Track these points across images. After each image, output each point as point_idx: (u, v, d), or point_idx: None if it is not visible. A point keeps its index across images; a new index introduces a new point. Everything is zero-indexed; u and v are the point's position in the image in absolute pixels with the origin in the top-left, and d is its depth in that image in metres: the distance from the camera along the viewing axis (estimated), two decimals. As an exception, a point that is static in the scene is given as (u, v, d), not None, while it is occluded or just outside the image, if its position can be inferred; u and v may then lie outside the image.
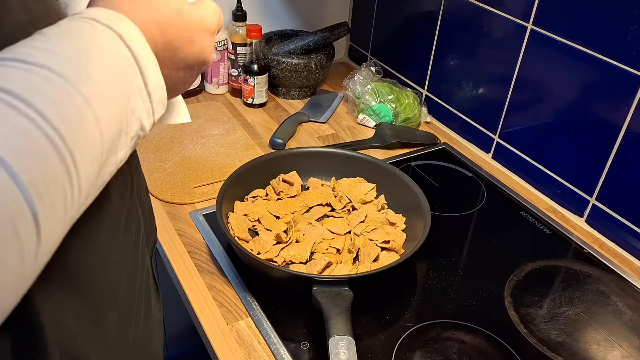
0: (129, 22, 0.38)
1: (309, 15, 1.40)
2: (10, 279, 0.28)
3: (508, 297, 0.79)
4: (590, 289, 0.82)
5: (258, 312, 0.74)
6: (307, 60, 1.21)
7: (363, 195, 0.91)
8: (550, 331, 0.74)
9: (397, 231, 0.84)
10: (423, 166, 1.08)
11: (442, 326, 0.74)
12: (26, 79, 0.30)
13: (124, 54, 0.36)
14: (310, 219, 0.87)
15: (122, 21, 0.37)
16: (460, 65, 1.14)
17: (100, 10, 0.38)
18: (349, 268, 0.78)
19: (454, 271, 0.83)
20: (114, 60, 0.36)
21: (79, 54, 0.34)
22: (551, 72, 0.95)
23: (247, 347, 0.69)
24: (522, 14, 0.97)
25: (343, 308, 0.67)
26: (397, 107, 1.16)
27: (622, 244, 0.91)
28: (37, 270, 0.31)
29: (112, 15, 0.37)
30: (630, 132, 0.85)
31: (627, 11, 0.81)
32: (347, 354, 0.61)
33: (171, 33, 0.41)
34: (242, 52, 1.22)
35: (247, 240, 0.82)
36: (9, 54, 0.31)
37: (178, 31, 0.41)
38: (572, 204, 0.97)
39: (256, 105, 1.23)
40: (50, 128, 0.30)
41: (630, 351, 0.72)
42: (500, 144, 1.09)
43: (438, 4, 1.14)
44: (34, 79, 0.30)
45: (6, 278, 0.28)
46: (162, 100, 0.41)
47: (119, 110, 0.35)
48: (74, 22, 0.36)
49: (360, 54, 1.44)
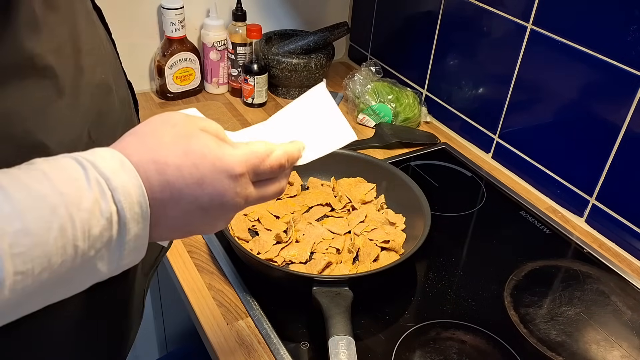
0: (129, 168, 0.38)
1: (309, 15, 1.40)
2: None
3: (508, 297, 0.79)
4: (590, 289, 0.82)
5: (258, 312, 0.74)
6: (307, 60, 1.21)
7: (363, 195, 0.91)
8: (550, 331, 0.74)
9: (397, 231, 0.84)
10: (423, 166, 1.08)
11: (442, 326, 0.74)
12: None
13: (103, 207, 0.36)
14: (310, 218, 0.87)
15: (123, 169, 0.37)
16: (460, 65, 1.14)
17: (108, 154, 0.38)
18: (348, 268, 0.78)
19: (454, 271, 0.83)
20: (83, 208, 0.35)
21: (42, 198, 0.34)
22: (551, 72, 0.95)
23: (247, 347, 0.69)
24: (522, 14, 0.97)
25: (343, 308, 0.67)
26: (397, 107, 1.16)
27: (622, 244, 0.91)
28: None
29: (114, 161, 0.37)
30: (630, 132, 0.85)
31: (627, 11, 0.81)
32: (347, 354, 0.61)
33: (171, 173, 0.39)
34: (242, 52, 1.22)
35: (247, 240, 0.82)
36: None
37: (181, 172, 0.39)
38: (572, 203, 0.97)
39: (256, 105, 1.23)
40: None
41: (630, 351, 0.72)
42: (500, 143, 1.09)
43: (438, 4, 1.14)
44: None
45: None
46: (136, 249, 0.39)
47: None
48: (71, 162, 0.36)
49: (360, 53, 1.44)
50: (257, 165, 0.43)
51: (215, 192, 0.41)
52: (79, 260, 0.35)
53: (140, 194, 0.38)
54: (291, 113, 0.53)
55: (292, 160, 0.46)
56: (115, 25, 1.14)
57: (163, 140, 0.40)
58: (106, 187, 0.36)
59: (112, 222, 0.36)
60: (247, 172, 0.42)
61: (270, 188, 0.46)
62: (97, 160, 0.37)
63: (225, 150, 0.41)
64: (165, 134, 0.41)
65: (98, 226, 0.35)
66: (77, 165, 0.36)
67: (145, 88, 1.26)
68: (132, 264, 0.40)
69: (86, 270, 0.37)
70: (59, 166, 0.36)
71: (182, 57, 1.19)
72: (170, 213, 0.40)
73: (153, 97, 1.24)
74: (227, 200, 0.41)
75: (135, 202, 0.37)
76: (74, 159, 0.37)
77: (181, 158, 0.40)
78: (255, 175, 0.43)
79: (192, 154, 0.40)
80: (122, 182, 0.37)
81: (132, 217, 0.37)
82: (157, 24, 1.20)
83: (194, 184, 0.40)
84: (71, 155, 0.37)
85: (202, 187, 0.40)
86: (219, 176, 0.41)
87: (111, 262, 0.38)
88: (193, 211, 0.41)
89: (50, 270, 0.34)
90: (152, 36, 1.21)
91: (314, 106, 0.53)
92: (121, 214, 0.37)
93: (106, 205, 0.36)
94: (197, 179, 0.40)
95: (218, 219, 0.43)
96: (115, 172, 0.37)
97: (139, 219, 0.38)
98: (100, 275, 0.38)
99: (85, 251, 0.35)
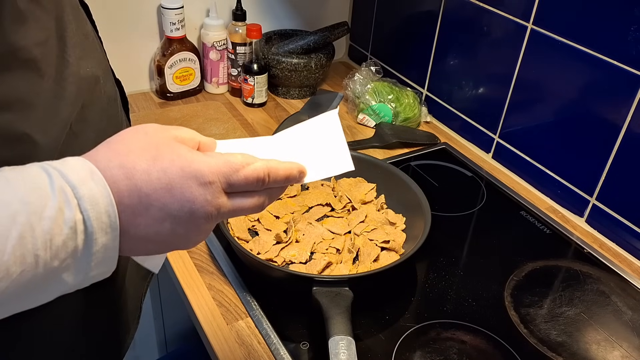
0: (99, 178, 0.37)
1: (309, 15, 1.40)
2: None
3: (508, 297, 0.79)
4: (590, 289, 0.82)
5: (258, 312, 0.74)
6: (307, 60, 1.21)
7: (363, 195, 0.91)
8: (550, 331, 0.74)
9: (397, 231, 0.84)
10: (423, 166, 1.08)
11: (442, 326, 0.74)
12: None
13: (68, 216, 0.35)
14: (310, 219, 0.87)
15: (92, 179, 0.36)
16: (460, 65, 1.14)
17: (78, 164, 0.37)
18: (349, 268, 0.78)
19: (454, 271, 0.83)
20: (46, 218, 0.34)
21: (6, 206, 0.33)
22: (551, 72, 0.95)
23: (246, 347, 0.69)
24: (522, 13, 0.97)
25: (343, 308, 0.67)
26: (397, 107, 1.16)
27: (622, 244, 0.91)
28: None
29: (84, 170, 0.37)
30: (630, 132, 0.85)
31: (627, 11, 0.80)
32: (347, 354, 0.61)
33: (139, 177, 0.38)
34: (242, 52, 1.22)
35: (247, 240, 0.82)
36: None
37: (149, 176, 0.38)
38: (572, 203, 0.97)
39: (256, 104, 1.23)
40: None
41: (630, 351, 0.72)
42: (501, 143, 1.09)
43: (438, 4, 1.14)
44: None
45: None
46: (105, 261, 0.38)
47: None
48: (38, 170, 0.36)
49: (360, 53, 1.44)
50: (229, 174, 0.41)
51: (185, 198, 0.39)
52: (41, 270, 0.34)
53: (109, 203, 0.37)
54: (297, 133, 0.52)
55: (274, 178, 0.43)
56: (115, 25, 1.15)
57: (132, 147, 0.39)
58: (72, 195, 0.35)
59: (77, 231, 0.35)
60: (219, 180, 0.40)
61: (245, 202, 0.43)
62: (66, 169, 0.36)
63: (197, 156, 0.40)
64: (136, 141, 0.40)
65: (61, 235, 0.35)
66: (44, 173, 0.35)
67: (145, 88, 1.26)
68: (102, 276, 0.39)
69: (51, 280, 0.36)
70: (24, 174, 0.35)
71: (182, 57, 1.19)
72: (140, 221, 0.39)
73: (153, 97, 1.24)
74: (197, 208, 0.40)
75: (103, 212, 0.36)
76: (41, 167, 0.36)
77: (149, 163, 0.39)
78: (229, 186, 0.41)
79: (161, 159, 0.39)
80: (89, 191, 0.36)
81: (100, 227, 0.36)
82: (157, 23, 1.20)
83: (162, 189, 0.39)
84: (40, 164, 0.37)
85: (170, 193, 0.39)
86: (188, 182, 0.39)
87: (78, 273, 0.37)
88: (163, 219, 0.39)
89: (9, 280, 0.33)
90: (152, 36, 1.21)
91: (322, 130, 0.52)
92: (87, 223, 0.36)
93: (70, 214, 0.35)
94: (166, 184, 0.39)
95: (191, 230, 0.41)
96: (83, 181, 0.36)
97: (107, 229, 0.37)
98: (68, 286, 0.37)
99: (48, 261, 0.34)
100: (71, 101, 0.46)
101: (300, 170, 0.46)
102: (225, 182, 0.41)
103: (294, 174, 0.45)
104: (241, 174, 0.41)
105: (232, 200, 0.42)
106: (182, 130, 0.43)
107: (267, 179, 0.43)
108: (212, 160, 0.41)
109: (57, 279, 0.36)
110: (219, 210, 0.41)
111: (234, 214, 0.43)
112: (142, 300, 0.67)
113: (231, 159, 0.41)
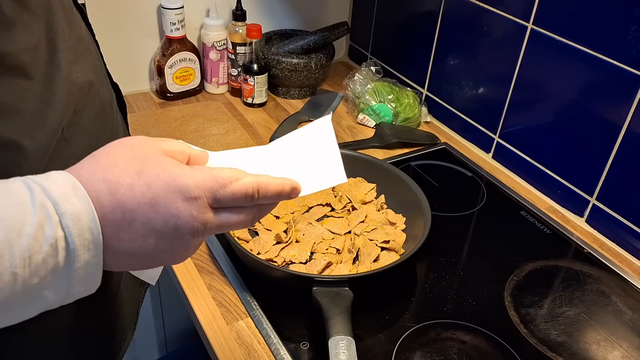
0: (82, 193, 0.36)
1: (309, 15, 1.40)
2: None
3: (508, 297, 0.79)
4: (590, 289, 0.82)
5: (258, 312, 0.74)
6: (307, 60, 1.21)
7: (363, 195, 0.91)
8: (550, 331, 0.74)
9: (397, 231, 0.84)
10: (423, 166, 1.08)
11: (442, 326, 0.74)
12: None
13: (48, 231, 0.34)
14: (310, 219, 0.87)
15: (75, 194, 0.36)
16: (460, 65, 1.14)
17: (61, 179, 0.36)
18: (349, 268, 0.78)
19: (454, 271, 0.83)
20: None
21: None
22: (551, 72, 0.95)
23: (246, 347, 0.69)
24: (522, 13, 0.97)
25: (343, 308, 0.67)
26: (397, 107, 1.16)
27: (622, 244, 0.91)
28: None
29: (67, 185, 0.36)
30: (630, 132, 0.85)
31: (627, 11, 0.80)
32: (347, 354, 0.61)
33: (122, 192, 0.37)
34: (242, 52, 1.22)
35: (247, 240, 0.82)
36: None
37: (133, 191, 0.37)
38: (572, 203, 0.97)
39: (256, 105, 1.23)
40: None
41: (630, 351, 0.72)
42: (501, 143, 1.09)
43: (438, 4, 1.14)
44: None
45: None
46: (88, 277, 0.38)
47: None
48: (20, 185, 0.35)
49: (360, 53, 1.44)
50: (216, 189, 0.40)
51: (169, 213, 0.38)
52: (19, 287, 0.34)
53: (92, 219, 0.36)
54: (290, 142, 0.51)
55: (264, 194, 0.42)
56: (115, 25, 1.15)
57: (117, 161, 0.38)
58: (53, 211, 0.35)
59: (58, 248, 0.35)
60: (205, 195, 0.39)
61: (233, 217, 0.41)
62: (48, 184, 0.35)
63: (183, 170, 0.39)
64: (121, 155, 0.39)
65: (40, 253, 0.34)
66: (25, 188, 0.35)
67: (145, 88, 1.26)
68: (87, 292, 0.39)
69: (31, 297, 0.35)
70: (5, 189, 0.35)
71: (182, 57, 1.19)
72: (124, 236, 0.38)
73: (153, 97, 1.24)
74: (182, 224, 0.39)
75: (86, 228, 0.36)
76: (23, 182, 0.35)
77: (133, 177, 0.38)
78: (215, 201, 0.40)
79: (146, 173, 0.38)
80: (72, 207, 0.35)
81: (82, 244, 0.36)
82: (157, 23, 1.20)
83: (146, 204, 0.38)
84: (22, 179, 0.36)
85: (154, 208, 0.38)
86: (173, 197, 0.38)
87: (59, 290, 0.36)
88: (147, 234, 0.38)
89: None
90: (152, 36, 1.21)
91: (315, 139, 0.51)
92: (69, 239, 0.35)
93: (51, 231, 0.34)
94: (150, 199, 0.38)
95: (177, 246, 0.40)
96: (65, 196, 0.35)
97: (90, 245, 0.36)
98: (49, 302, 0.37)
99: (27, 279, 0.34)
100: (62, 106, 0.45)
101: (293, 186, 0.45)
102: (211, 197, 0.40)
103: (286, 190, 0.44)
104: (228, 189, 0.40)
105: (219, 216, 0.41)
106: (171, 143, 0.42)
107: (256, 195, 0.41)
108: (198, 174, 0.39)
109: (38, 295, 0.35)
110: (205, 225, 0.40)
111: (221, 229, 0.42)
112: (140, 306, 0.66)
113: (219, 173, 0.40)
